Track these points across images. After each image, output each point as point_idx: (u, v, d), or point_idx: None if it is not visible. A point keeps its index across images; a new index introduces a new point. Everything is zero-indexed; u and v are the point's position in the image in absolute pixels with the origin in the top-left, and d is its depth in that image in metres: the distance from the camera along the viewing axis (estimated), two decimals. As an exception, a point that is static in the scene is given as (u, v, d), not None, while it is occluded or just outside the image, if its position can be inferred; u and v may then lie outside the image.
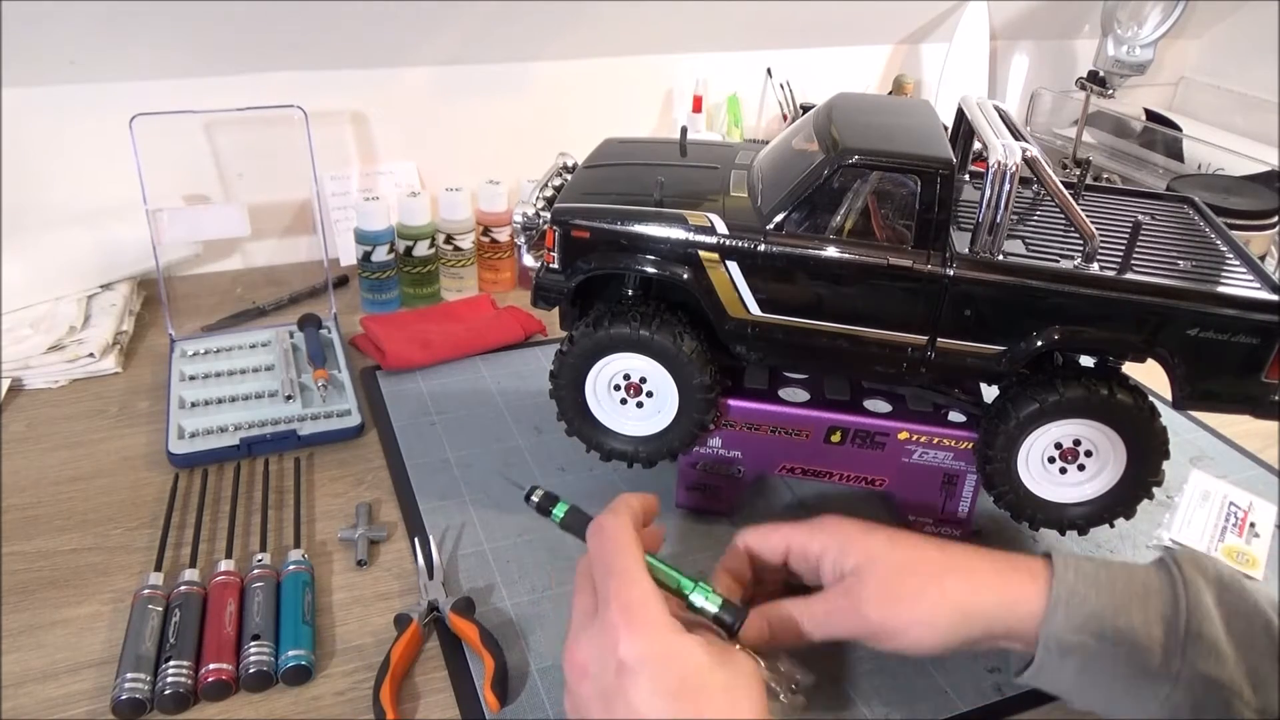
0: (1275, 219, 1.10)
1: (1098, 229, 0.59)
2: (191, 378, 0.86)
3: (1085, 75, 1.33)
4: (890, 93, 1.37)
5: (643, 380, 0.65)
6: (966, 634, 0.51)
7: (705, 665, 0.44)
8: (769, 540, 0.57)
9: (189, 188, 1.05)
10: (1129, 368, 0.63)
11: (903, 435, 0.66)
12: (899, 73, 1.37)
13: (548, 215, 0.63)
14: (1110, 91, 1.34)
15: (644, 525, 0.52)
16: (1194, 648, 0.47)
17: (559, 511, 0.53)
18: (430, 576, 0.64)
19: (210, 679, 0.55)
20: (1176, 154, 1.35)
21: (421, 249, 1.01)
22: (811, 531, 0.56)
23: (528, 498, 0.54)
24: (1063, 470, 0.64)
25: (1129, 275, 0.59)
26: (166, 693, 0.54)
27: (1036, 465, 0.64)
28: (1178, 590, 0.49)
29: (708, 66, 1.24)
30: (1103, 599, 0.49)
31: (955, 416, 0.67)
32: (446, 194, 1.01)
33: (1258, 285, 0.61)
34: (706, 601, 0.50)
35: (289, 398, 0.82)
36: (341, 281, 1.07)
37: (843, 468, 0.68)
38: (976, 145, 0.68)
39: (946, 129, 0.67)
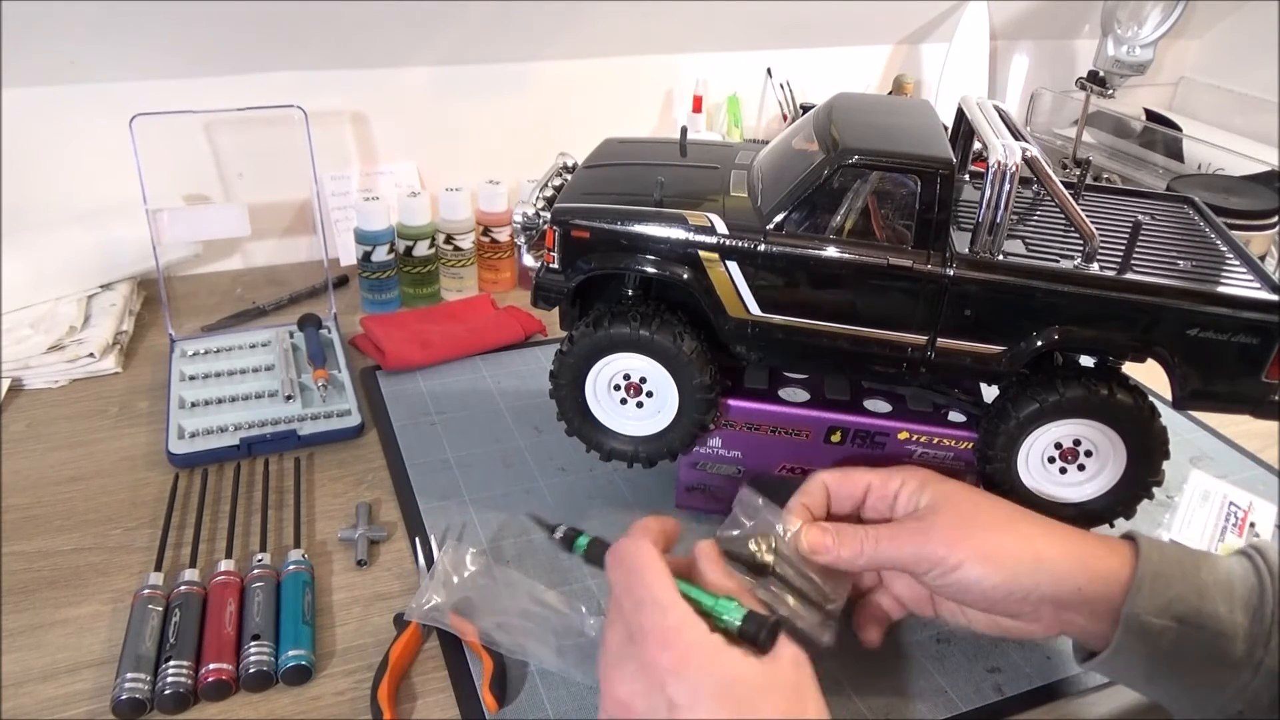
0: (1275, 219, 1.10)
1: (1098, 229, 0.59)
2: (191, 378, 0.86)
3: (1085, 75, 1.33)
4: (890, 93, 1.37)
5: (643, 380, 0.65)
6: (1033, 583, 0.49)
7: (757, 681, 0.42)
8: (850, 478, 0.57)
9: (189, 188, 1.05)
10: (1129, 368, 0.63)
11: (903, 435, 0.66)
12: (899, 73, 1.37)
13: (548, 215, 0.63)
14: (1110, 91, 1.34)
15: (665, 549, 0.49)
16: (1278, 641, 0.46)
17: (581, 543, 0.53)
18: (430, 577, 0.64)
19: (210, 679, 0.55)
20: (1176, 154, 1.35)
21: (421, 249, 1.01)
22: (891, 471, 0.57)
23: (552, 534, 0.54)
24: (1063, 470, 0.64)
25: (1129, 275, 0.59)
26: (166, 693, 0.54)
27: (1036, 465, 0.64)
28: (1264, 579, 0.48)
29: (708, 66, 1.24)
30: (1189, 583, 0.48)
31: (955, 416, 0.67)
32: (446, 194, 1.01)
33: (1257, 285, 0.61)
34: (731, 617, 0.47)
35: (289, 398, 0.82)
36: (341, 281, 1.07)
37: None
38: (976, 145, 0.68)
39: (946, 129, 0.67)
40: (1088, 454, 0.63)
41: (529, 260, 0.66)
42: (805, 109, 1.26)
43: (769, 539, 0.55)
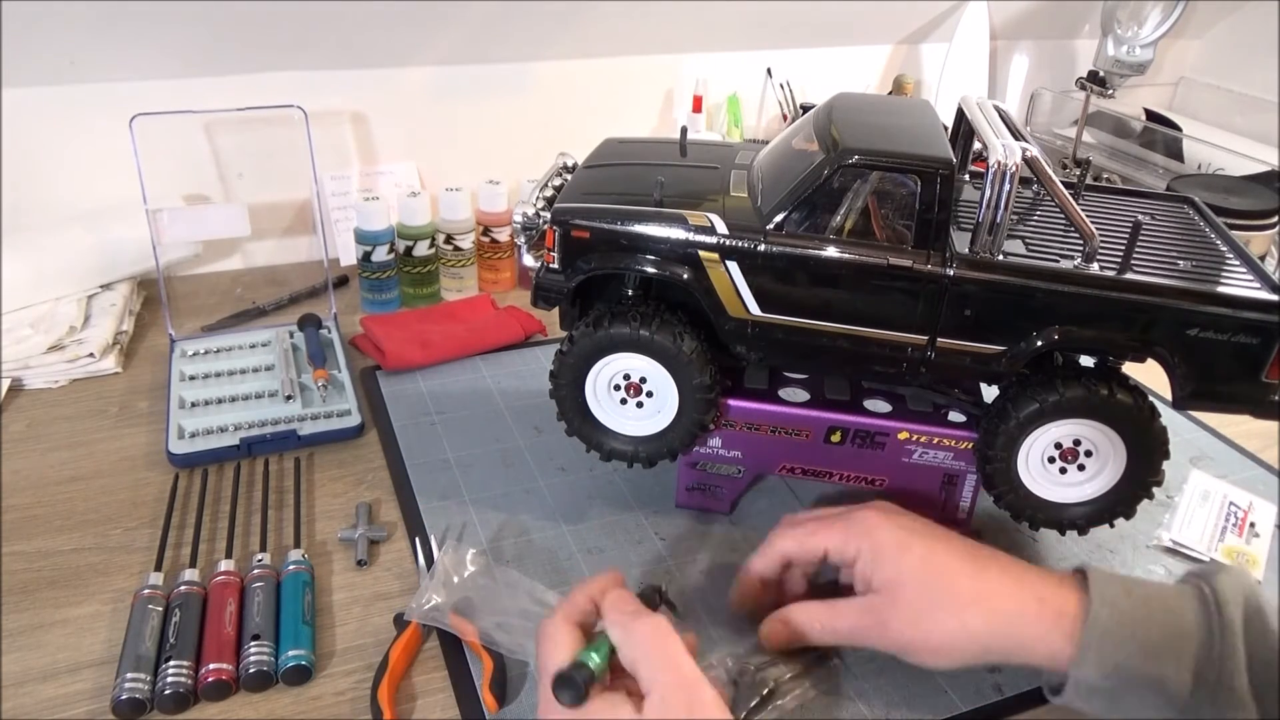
0: (1275, 219, 1.10)
1: (1098, 229, 0.59)
2: (191, 378, 0.86)
3: (1085, 75, 1.33)
4: (890, 93, 1.37)
5: (643, 380, 0.65)
6: (984, 661, 0.53)
7: None
8: (807, 545, 0.58)
9: (189, 188, 1.05)
10: (1129, 368, 0.63)
11: (903, 435, 0.66)
12: (899, 73, 1.37)
13: (548, 215, 0.63)
14: (1110, 91, 1.34)
15: (583, 619, 0.50)
16: (1223, 697, 0.47)
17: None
18: (430, 577, 0.64)
19: (210, 679, 0.55)
20: (1176, 154, 1.35)
21: (421, 249, 1.01)
22: (847, 535, 0.57)
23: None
24: (1063, 470, 0.64)
25: (1129, 275, 0.59)
26: (166, 693, 0.54)
27: (1036, 465, 0.64)
28: (1213, 637, 0.48)
29: (708, 66, 1.24)
30: (1136, 644, 0.49)
31: (955, 416, 0.67)
32: (446, 194, 1.01)
33: (1257, 285, 0.61)
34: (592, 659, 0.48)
35: (289, 398, 0.82)
36: (341, 281, 1.07)
37: (843, 468, 0.68)
38: (976, 145, 0.68)
39: (946, 129, 0.67)
40: (1088, 454, 0.63)
41: (529, 260, 0.66)
42: (805, 109, 1.26)
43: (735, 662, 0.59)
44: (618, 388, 0.66)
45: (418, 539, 0.69)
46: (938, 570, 0.54)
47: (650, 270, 0.61)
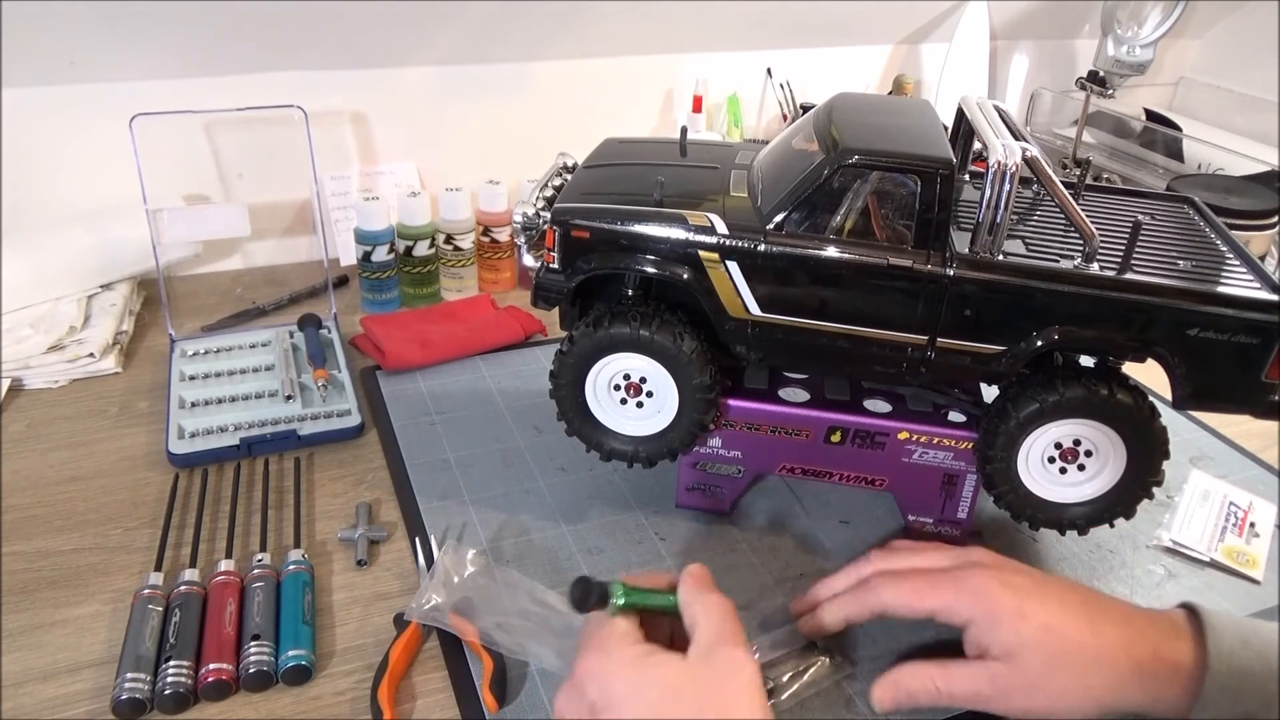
0: (1275, 219, 1.10)
1: (1098, 229, 0.59)
2: (191, 378, 0.86)
3: (1085, 75, 1.33)
4: (890, 93, 1.37)
5: (643, 380, 0.65)
6: (1100, 716, 0.51)
7: (675, 680, 0.46)
8: (915, 604, 0.55)
9: (189, 188, 1.05)
10: (1129, 368, 0.63)
11: (903, 435, 0.66)
12: (899, 73, 1.37)
13: (548, 215, 0.63)
14: (1110, 91, 1.34)
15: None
16: None
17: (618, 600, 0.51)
18: (430, 577, 0.64)
19: (210, 679, 0.55)
20: (1176, 154, 1.35)
21: (421, 249, 1.01)
22: (960, 596, 0.54)
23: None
24: (1063, 470, 0.64)
25: (1129, 275, 0.59)
26: (166, 693, 0.54)
27: (1036, 465, 0.64)
28: None
29: (708, 66, 1.24)
30: (1256, 697, 0.48)
31: (955, 416, 0.67)
32: (446, 194, 1.01)
33: (1258, 285, 0.61)
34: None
35: (289, 398, 0.82)
36: (341, 281, 1.07)
37: (843, 468, 0.68)
38: (976, 145, 0.68)
39: (946, 129, 0.67)
40: (1088, 454, 0.63)
41: (529, 260, 0.66)
42: (805, 109, 1.26)
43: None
44: (618, 388, 0.66)
45: (418, 539, 0.69)
46: (1058, 636, 0.52)
47: (650, 270, 0.61)
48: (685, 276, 0.61)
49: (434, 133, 1.14)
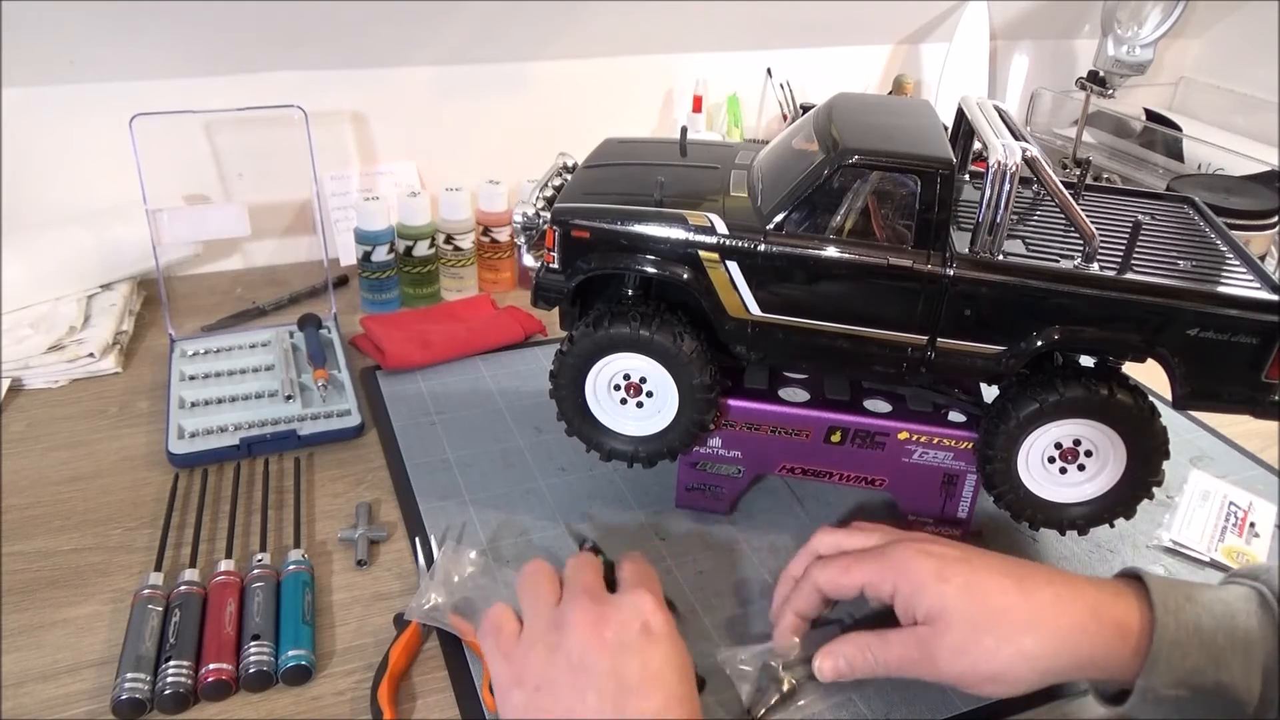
0: (1275, 219, 1.10)
1: (1098, 229, 0.59)
2: (191, 378, 0.86)
3: (1085, 75, 1.33)
4: (890, 93, 1.37)
5: (643, 380, 0.65)
6: (1045, 683, 0.51)
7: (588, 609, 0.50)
8: (841, 582, 0.57)
9: (189, 188, 1.05)
10: (1129, 368, 0.63)
11: (903, 435, 0.66)
12: (899, 73, 1.37)
13: (548, 215, 0.63)
14: (1110, 91, 1.34)
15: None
16: None
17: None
18: (430, 577, 0.64)
19: (210, 679, 0.55)
20: (1176, 154, 1.35)
21: (421, 249, 1.01)
22: (883, 569, 0.55)
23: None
24: (1063, 470, 0.64)
25: (1129, 275, 0.59)
26: (166, 693, 0.54)
27: (1036, 465, 0.64)
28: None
29: (708, 66, 1.24)
30: (1206, 652, 0.48)
31: (955, 416, 0.67)
32: (446, 194, 1.01)
33: (1258, 285, 0.61)
34: None
35: (289, 398, 0.82)
36: (341, 281, 1.07)
37: (843, 468, 0.68)
38: (976, 145, 0.68)
39: (946, 129, 0.67)
40: (1088, 454, 0.63)
41: (529, 260, 0.66)
42: (805, 109, 1.26)
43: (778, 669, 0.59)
44: (618, 388, 0.66)
45: (418, 539, 0.69)
46: (982, 595, 0.52)
47: (650, 270, 0.61)
48: (685, 276, 0.61)
49: (434, 133, 1.14)
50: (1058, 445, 0.63)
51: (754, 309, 0.62)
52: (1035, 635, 0.50)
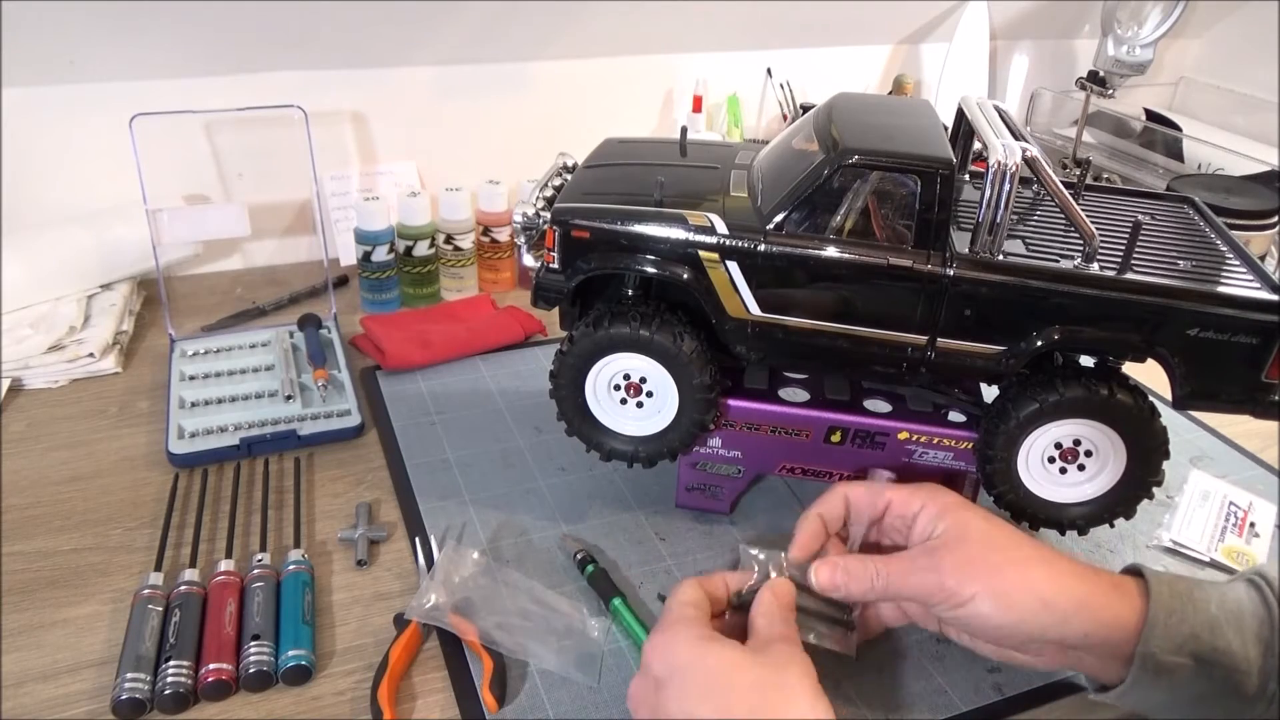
0: (1275, 219, 1.10)
1: (1098, 229, 0.59)
2: (191, 378, 0.86)
3: (1085, 75, 1.33)
4: (890, 93, 1.37)
5: (643, 380, 0.65)
6: (1038, 624, 0.50)
7: (735, 664, 0.47)
8: (872, 493, 0.58)
9: (189, 188, 1.05)
10: (1129, 368, 0.63)
11: (903, 435, 0.66)
12: (899, 73, 1.37)
13: (548, 215, 0.63)
14: (1110, 91, 1.34)
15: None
16: None
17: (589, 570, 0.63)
18: (430, 577, 0.64)
19: (210, 679, 0.55)
20: (1176, 154, 1.35)
21: (421, 249, 1.01)
22: (914, 491, 0.57)
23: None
24: (1063, 470, 0.64)
25: (1129, 275, 0.59)
26: (166, 693, 0.54)
27: (1036, 465, 0.64)
28: (1273, 611, 0.48)
29: (708, 66, 1.24)
30: (1201, 618, 0.48)
31: (955, 416, 0.67)
32: (446, 194, 1.01)
33: (1258, 285, 0.61)
34: None
35: (289, 398, 0.82)
36: (341, 281, 1.07)
37: (843, 468, 0.68)
38: (976, 145, 0.68)
39: (946, 129, 0.67)
40: (1088, 454, 0.63)
41: (529, 260, 0.66)
42: (805, 109, 1.26)
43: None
44: (618, 388, 0.66)
45: (418, 539, 0.69)
46: (1002, 527, 0.53)
47: (650, 270, 0.61)
48: (685, 276, 0.61)
49: (434, 133, 1.14)
50: (1058, 445, 0.63)
51: (754, 309, 0.62)
52: (1044, 569, 0.51)
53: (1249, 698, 0.47)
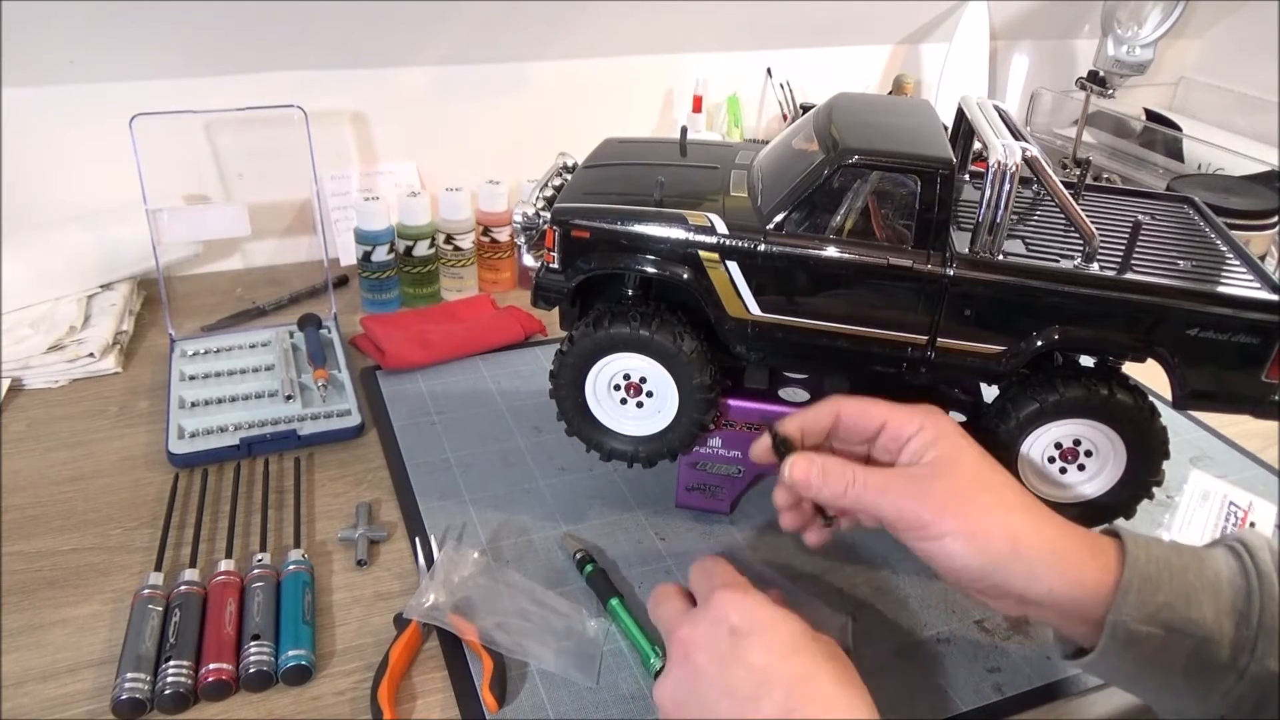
0: (1275, 219, 1.10)
1: (1098, 229, 0.59)
2: (191, 378, 0.86)
3: (1085, 75, 1.33)
4: (890, 93, 1.37)
5: (643, 380, 0.65)
6: (1005, 574, 0.49)
7: (805, 632, 0.48)
8: (867, 412, 0.55)
9: (189, 188, 1.05)
10: (1129, 368, 0.63)
11: (903, 435, 0.66)
12: (899, 73, 1.37)
13: (548, 215, 0.63)
14: (1110, 91, 1.34)
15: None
16: (1265, 643, 0.46)
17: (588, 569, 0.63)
18: (430, 577, 0.64)
19: (210, 679, 0.55)
20: (1176, 154, 1.35)
21: (421, 249, 1.01)
22: (911, 412, 0.54)
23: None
24: (1063, 470, 0.64)
25: (1129, 275, 0.59)
26: (166, 693, 0.54)
27: (1037, 465, 0.64)
28: (1251, 582, 0.47)
29: (708, 66, 1.24)
30: (1176, 587, 0.47)
31: (955, 416, 0.67)
32: (446, 194, 1.01)
33: (1257, 285, 0.61)
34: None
35: (289, 398, 0.82)
36: (341, 281, 1.07)
37: (843, 468, 0.68)
38: (976, 145, 0.68)
39: (946, 129, 0.67)
40: (1088, 454, 0.63)
41: (529, 260, 0.66)
42: (805, 109, 1.26)
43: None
44: (618, 388, 0.66)
45: (418, 539, 0.69)
46: (994, 466, 0.52)
47: (650, 270, 0.61)
48: (685, 276, 0.61)
49: (434, 133, 1.14)
50: (1058, 445, 0.63)
51: (754, 309, 0.62)
52: (1027, 516, 0.50)
53: (1220, 669, 0.46)
